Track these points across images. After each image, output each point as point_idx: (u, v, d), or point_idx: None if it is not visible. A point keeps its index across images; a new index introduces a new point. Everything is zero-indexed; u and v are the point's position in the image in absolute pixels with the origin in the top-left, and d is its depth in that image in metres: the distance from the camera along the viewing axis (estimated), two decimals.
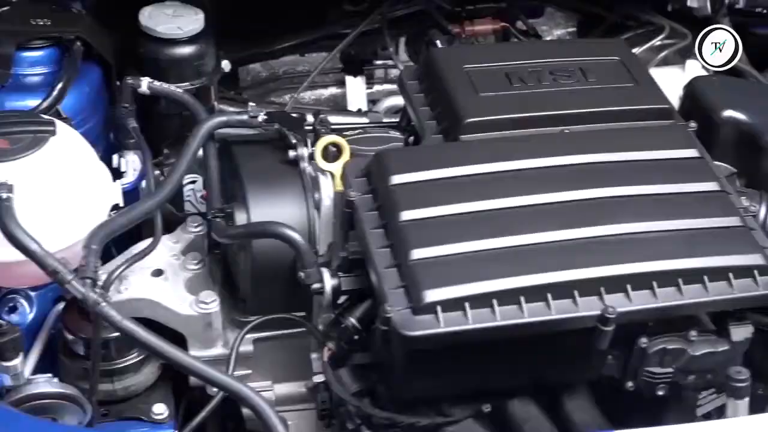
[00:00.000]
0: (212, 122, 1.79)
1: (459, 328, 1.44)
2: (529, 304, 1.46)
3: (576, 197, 1.58)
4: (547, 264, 1.49)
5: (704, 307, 1.54)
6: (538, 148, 1.66)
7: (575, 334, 1.50)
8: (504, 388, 1.58)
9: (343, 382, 1.61)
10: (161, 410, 1.75)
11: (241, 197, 1.73)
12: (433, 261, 1.48)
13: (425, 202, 1.56)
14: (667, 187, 1.63)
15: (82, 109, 1.87)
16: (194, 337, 1.74)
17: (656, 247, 1.53)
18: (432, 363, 1.51)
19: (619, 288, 1.49)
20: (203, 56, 1.96)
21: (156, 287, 1.73)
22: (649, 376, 1.57)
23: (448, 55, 1.87)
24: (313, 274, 1.60)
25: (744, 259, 1.54)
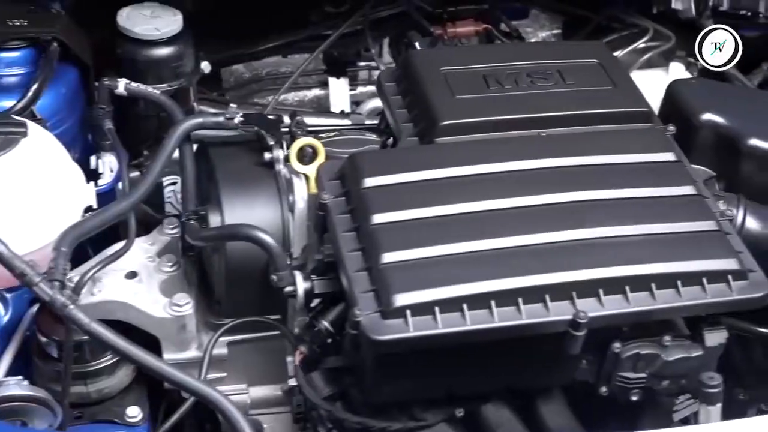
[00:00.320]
0: (188, 124, 1.78)
1: (428, 333, 1.43)
2: (500, 309, 1.45)
3: (550, 201, 1.57)
4: (519, 268, 1.48)
5: (677, 312, 1.53)
6: (513, 151, 1.65)
7: (548, 339, 1.49)
8: (477, 392, 1.57)
9: (316, 385, 1.60)
10: (135, 413, 1.74)
11: (215, 199, 1.72)
12: (404, 264, 1.47)
13: (397, 205, 1.55)
14: (643, 190, 1.61)
15: (58, 110, 1.86)
16: (168, 339, 1.73)
17: (629, 251, 1.52)
18: (402, 367, 1.50)
19: (591, 292, 1.48)
20: (181, 57, 1.96)
21: (129, 289, 1.72)
22: (622, 381, 1.56)
23: (425, 57, 1.86)
24: (285, 277, 1.60)
25: (718, 263, 1.53)
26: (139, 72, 1.93)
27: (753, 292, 1.53)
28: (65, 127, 1.87)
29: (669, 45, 2.26)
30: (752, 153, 1.76)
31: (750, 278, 1.53)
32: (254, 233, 1.60)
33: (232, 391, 1.81)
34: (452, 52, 2.05)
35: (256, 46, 2.27)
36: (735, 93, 1.91)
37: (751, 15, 2.23)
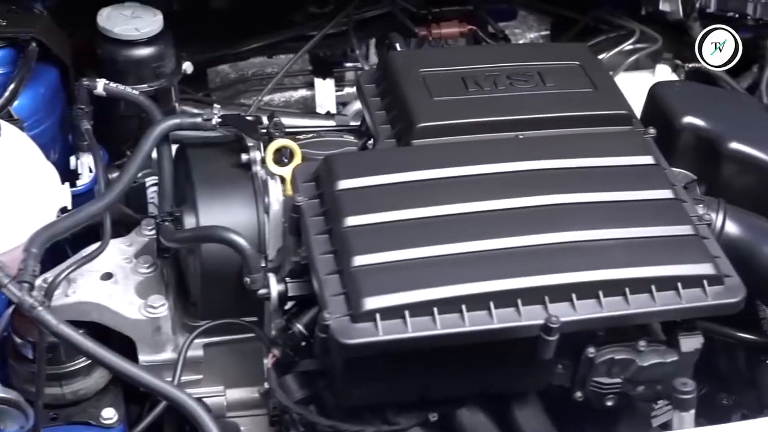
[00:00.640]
0: (165, 125, 1.77)
1: (398, 337, 1.41)
2: (471, 313, 1.44)
3: (525, 204, 1.56)
4: (490, 272, 1.46)
5: (652, 318, 1.51)
6: (489, 153, 1.64)
7: (521, 343, 1.47)
8: (451, 396, 1.56)
9: (289, 388, 1.59)
10: (110, 414, 1.74)
11: (191, 201, 1.71)
12: (375, 268, 1.46)
13: (370, 207, 1.54)
14: (620, 194, 1.60)
15: (37, 110, 1.86)
16: (143, 341, 1.72)
17: (603, 255, 1.51)
18: (373, 370, 1.49)
19: (564, 297, 1.47)
20: (162, 58, 1.95)
21: (104, 291, 1.71)
22: (597, 387, 1.54)
23: (404, 58, 1.85)
24: (258, 280, 1.59)
25: (693, 268, 1.51)
26: (120, 72, 1.92)
27: (729, 297, 1.51)
28: (44, 127, 1.86)
29: (656, 47, 2.24)
30: (733, 156, 1.74)
31: (726, 283, 1.52)
32: (227, 235, 1.59)
33: (209, 393, 1.81)
34: (431, 54, 2.04)
35: (240, 46, 2.26)
36: (717, 96, 1.90)
37: (739, 17, 2.21)
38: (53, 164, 1.90)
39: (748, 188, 1.75)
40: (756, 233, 1.68)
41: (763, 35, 2.29)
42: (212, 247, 1.67)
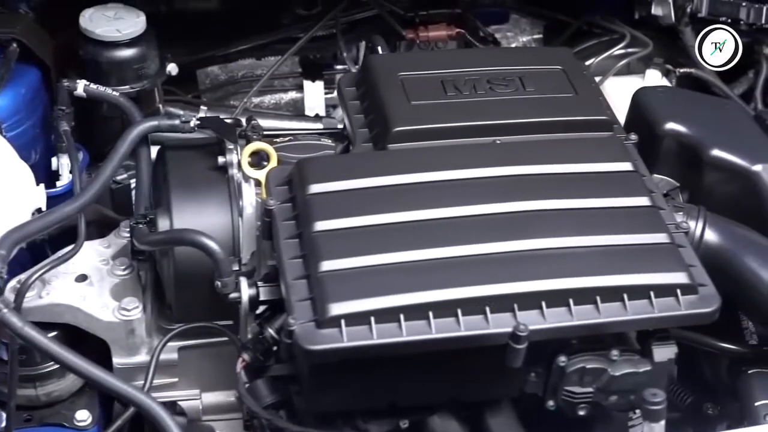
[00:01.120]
0: (142, 126, 1.77)
1: (363, 343, 1.40)
2: (438, 320, 1.42)
3: (497, 210, 1.54)
4: (459, 278, 1.45)
5: (623, 327, 1.49)
6: (464, 159, 1.62)
7: (490, 351, 1.46)
8: (421, 403, 1.55)
9: (259, 393, 1.57)
10: (84, 417, 1.74)
11: (165, 203, 1.71)
12: (342, 273, 1.45)
13: (341, 212, 1.52)
14: (595, 201, 1.58)
15: (17, 111, 1.85)
16: (117, 344, 1.72)
17: (575, 263, 1.49)
18: (341, 377, 1.48)
19: (533, 305, 1.45)
20: (144, 59, 1.94)
21: (78, 293, 1.71)
22: (568, 396, 1.52)
23: (384, 61, 1.84)
24: (229, 283, 1.58)
25: (667, 277, 1.49)
26: (102, 73, 1.92)
27: (703, 306, 1.49)
28: (24, 127, 1.86)
29: (646, 51, 2.22)
30: (714, 164, 1.72)
31: (700, 292, 1.50)
32: (197, 238, 1.58)
33: (185, 396, 1.80)
34: (412, 57, 2.03)
35: (228, 48, 2.26)
36: (701, 102, 1.87)
37: (732, 22, 2.18)
38: (34, 165, 1.91)
39: (730, 196, 1.72)
40: (736, 242, 1.66)
41: (758, 40, 2.26)
42: (186, 250, 1.66)
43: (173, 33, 2.15)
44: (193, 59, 2.23)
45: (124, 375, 1.73)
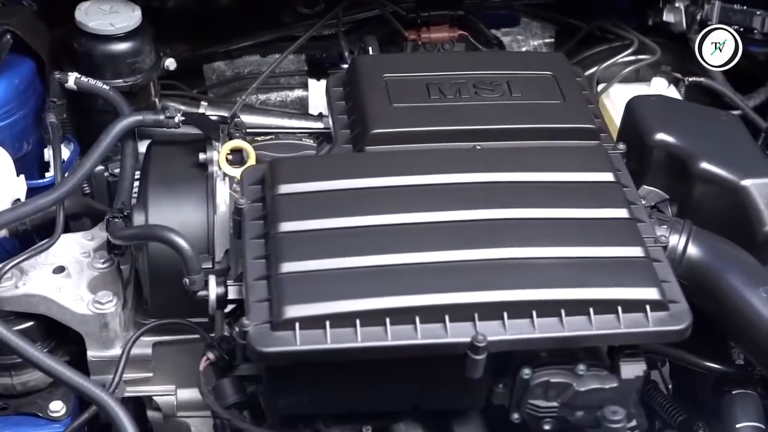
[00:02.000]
0: (126, 121, 1.77)
1: (316, 348, 1.38)
2: (395, 327, 1.39)
3: (467, 217, 1.51)
4: (418, 286, 1.42)
5: (587, 341, 1.45)
6: (439, 164, 1.59)
7: (451, 360, 1.43)
8: (383, 410, 1.53)
9: (224, 392, 1.56)
10: (58, 408, 1.75)
11: (143, 198, 1.71)
12: (302, 276, 1.43)
13: (307, 214, 1.51)
14: (570, 211, 1.54)
15: (9, 101, 1.86)
16: (91, 336, 1.72)
17: (541, 274, 1.45)
18: (298, 380, 1.46)
19: (495, 315, 1.41)
20: (138, 53, 1.94)
21: (54, 284, 1.72)
22: (533, 409, 1.49)
23: (370, 62, 1.82)
24: (197, 281, 1.56)
25: (636, 292, 1.44)
26: (96, 67, 1.92)
27: (672, 324, 1.44)
28: (15, 118, 1.87)
29: (654, 58, 2.17)
30: (703, 177, 1.66)
31: (671, 309, 1.45)
32: (166, 235, 1.57)
33: (160, 392, 1.80)
34: (399, 59, 2.00)
35: (230, 44, 2.25)
36: (694, 113, 1.81)
37: (744, 30, 2.12)
38: (27, 155, 1.93)
39: (719, 210, 1.67)
40: (719, 258, 1.60)
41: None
42: (160, 246, 1.65)
43: (175, 28, 2.16)
44: (195, 55, 2.23)
45: (98, 368, 1.75)
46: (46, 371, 1.43)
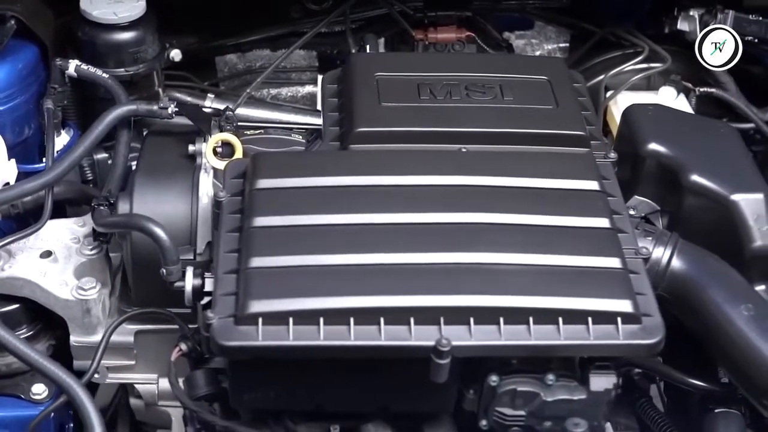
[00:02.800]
0: (120, 110, 1.78)
1: (278, 344, 1.38)
2: (359, 327, 1.39)
3: (443, 220, 1.50)
4: (385, 286, 1.41)
5: (554, 351, 1.42)
6: (421, 165, 1.58)
7: (418, 363, 1.42)
8: (348, 410, 1.52)
9: (195, 383, 1.57)
10: (40, 390, 1.76)
11: (130, 187, 1.72)
12: (270, 271, 1.43)
13: (283, 209, 1.51)
14: (550, 218, 1.52)
15: (10, 85, 1.88)
16: (74, 322, 1.74)
17: (512, 281, 1.43)
18: (262, 376, 1.46)
19: (461, 320, 1.40)
20: (141, 43, 1.95)
21: (39, 268, 1.73)
22: (499, 417, 1.47)
23: (364, 61, 1.81)
24: (174, 272, 1.57)
25: (608, 304, 1.42)
26: (99, 55, 1.93)
27: (643, 338, 1.42)
28: (17, 102, 1.88)
29: (663, 67, 2.13)
30: (693, 189, 1.63)
31: (643, 323, 1.42)
32: (145, 224, 1.58)
33: (141, 380, 1.81)
34: (393, 58, 1.98)
35: (239, 38, 2.26)
36: (691, 124, 1.77)
37: (759, 41, 2.07)
38: (28, 140, 1.95)
39: (708, 223, 1.63)
40: (703, 273, 1.57)
41: None
42: (143, 236, 1.65)
43: (184, 20, 2.16)
44: (204, 47, 2.24)
45: (80, 353, 1.76)
46: (15, 354, 1.44)
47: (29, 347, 1.45)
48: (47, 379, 1.46)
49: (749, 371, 1.49)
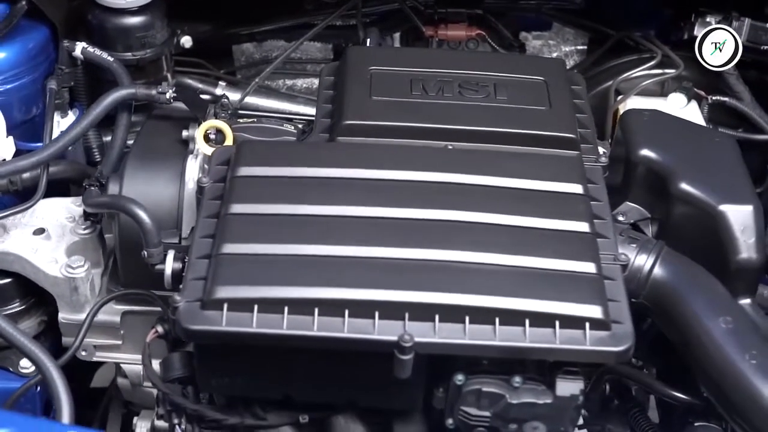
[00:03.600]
0: (118, 93, 1.81)
1: (241, 330, 1.38)
2: (323, 318, 1.39)
3: (418, 216, 1.49)
4: (352, 279, 1.41)
5: (518, 353, 1.40)
6: (405, 160, 1.57)
7: (383, 358, 1.42)
8: (316, 401, 1.52)
9: (171, 365, 1.59)
10: (28, 365, 1.80)
11: (121, 169, 1.74)
12: (240, 258, 1.44)
13: (260, 197, 1.51)
14: (529, 220, 1.50)
15: (19, 64, 1.91)
16: (62, 299, 1.77)
17: (481, 280, 1.42)
18: (229, 362, 1.47)
19: (426, 317, 1.39)
20: (149, 28, 1.97)
21: (31, 245, 1.77)
22: (464, 416, 1.46)
23: (360, 54, 1.81)
24: (155, 254, 1.59)
25: (577, 308, 1.40)
26: (107, 39, 1.96)
27: (611, 345, 1.40)
28: (24, 81, 1.92)
29: (675, 72, 2.09)
30: (681, 197, 1.60)
31: (613, 329, 1.40)
32: (129, 206, 1.60)
33: (128, 360, 1.84)
34: (390, 53, 1.98)
35: (252, 27, 2.27)
36: (687, 131, 1.73)
37: None
38: (36, 119, 1.99)
39: (695, 232, 1.60)
40: (684, 283, 1.54)
41: None
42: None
43: (198, 7, 2.18)
44: (218, 35, 2.26)
45: (68, 330, 1.80)
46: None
47: (5, 321, 1.47)
48: (23, 354, 1.49)
49: (723, 386, 1.46)
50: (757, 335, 1.48)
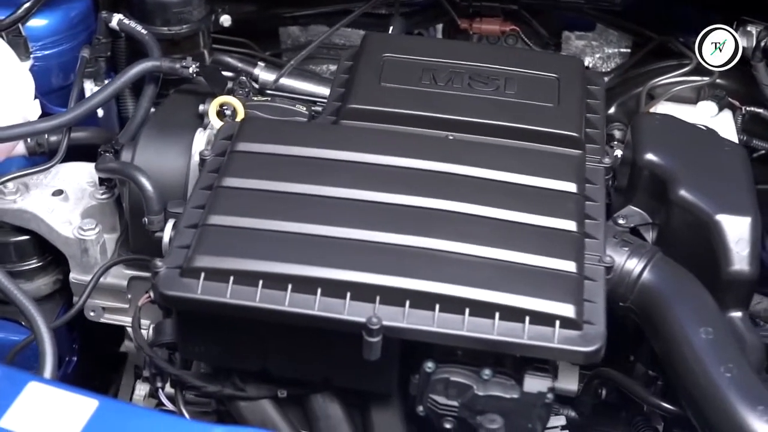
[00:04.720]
0: (144, 65, 1.85)
1: (214, 299, 1.42)
2: (295, 294, 1.41)
3: (405, 202, 1.51)
4: (328, 258, 1.43)
5: (485, 345, 1.40)
6: (402, 147, 1.59)
7: (354, 340, 1.43)
8: (292, 376, 1.55)
9: (163, 330, 1.63)
10: None
11: (136, 138, 1.79)
12: (224, 230, 1.47)
13: (254, 173, 1.55)
14: (517, 215, 1.50)
15: (60, 31, 1.99)
16: (74, 259, 1.83)
17: (456, 270, 1.42)
18: (207, 330, 1.50)
19: (397, 302, 1.40)
20: (186, 4, 2.01)
21: (48, 205, 1.84)
22: (433, 405, 1.47)
23: (377, 41, 1.83)
24: (155, 222, 1.64)
25: (548, 306, 1.39)
26: (146, 12, 2.01)
27: (580, 345, 1.38)
28: (63, 48, 2.00)
29: (708, 80, 2.05)
30: (680, 204, 1.58)
31: (584, 330, 1.39)
32: (133, 173, 1.65)
33: None
34: (406, 41, 1.98)
35: (294, 10, 2.30)
36: (695, 138, 1.70)
37: None
38: (70, 86, 2.05)
39: (691, 240, 1.57)
40: (671, 290, 1.51)
41: None
42: None
43: None
44: (261, 15, 2.30)
45: (78, 289, 1.86)
46: None
47: (3, 275, 1.53)
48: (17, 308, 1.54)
49: (696, 397, 1.43)
50: (736, 348, 1.45)
